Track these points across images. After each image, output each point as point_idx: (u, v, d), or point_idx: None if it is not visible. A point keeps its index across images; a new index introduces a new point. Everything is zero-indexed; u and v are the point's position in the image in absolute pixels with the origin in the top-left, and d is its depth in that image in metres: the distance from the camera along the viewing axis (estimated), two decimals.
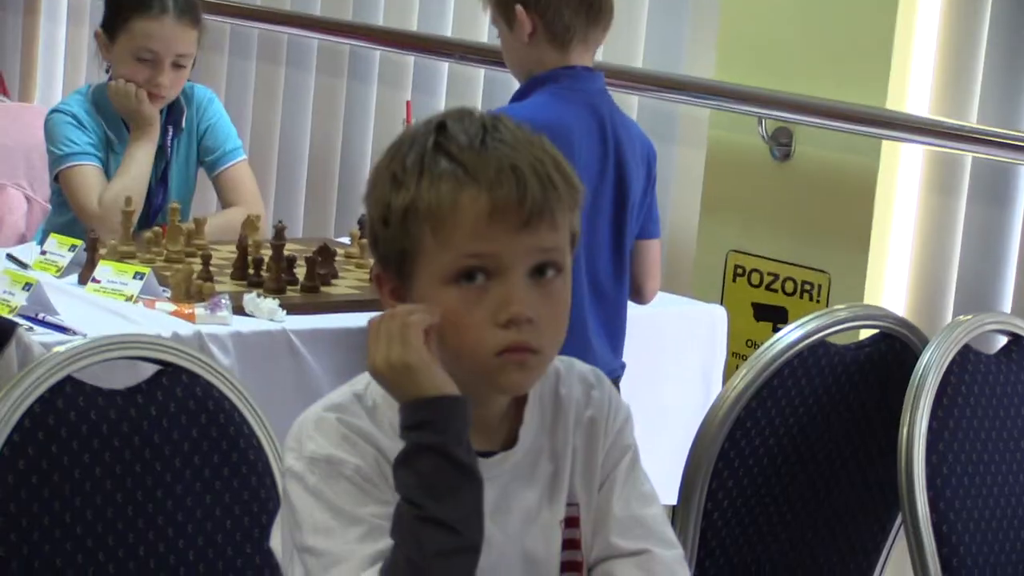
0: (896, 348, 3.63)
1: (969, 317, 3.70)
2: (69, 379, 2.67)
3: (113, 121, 4.86)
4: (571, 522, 2.38)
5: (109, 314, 3.92)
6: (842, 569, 3.67)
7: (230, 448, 2.78)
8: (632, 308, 4.38)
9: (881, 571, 3.73)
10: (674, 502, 3.41)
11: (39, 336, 3.59)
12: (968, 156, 4.88)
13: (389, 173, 2.28)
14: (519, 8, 4.13)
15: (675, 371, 4.61)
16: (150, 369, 2.77)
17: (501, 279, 2.23)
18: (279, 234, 4.31)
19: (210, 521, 2.73)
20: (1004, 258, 4.84)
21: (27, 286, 3.88)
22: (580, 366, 2.45)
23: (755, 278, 5.21)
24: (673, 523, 3.38)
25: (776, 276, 5.16)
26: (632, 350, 4.37)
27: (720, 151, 5.35)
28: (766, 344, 3.54)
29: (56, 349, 2.71)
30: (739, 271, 5.25)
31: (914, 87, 4.98)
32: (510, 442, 2.35)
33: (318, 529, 2.23)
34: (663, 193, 4.81)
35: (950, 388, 3.50)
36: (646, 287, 4.43)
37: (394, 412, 2.23)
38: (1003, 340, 3.69)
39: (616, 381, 4.34)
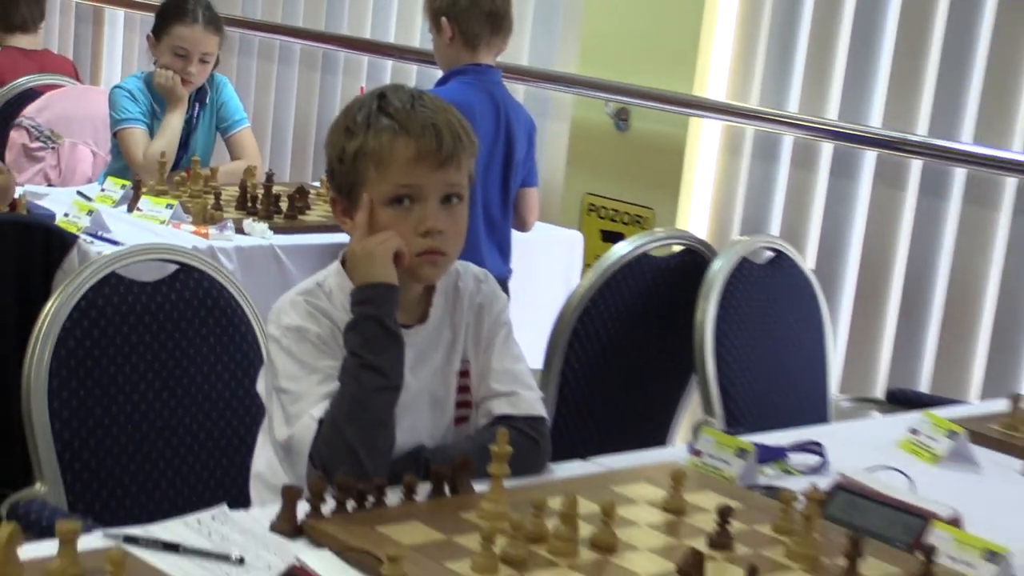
0: (696, 258, 3.66)
1: (746, 238, 3.74)
2: (114, 274, 2.65)
3: (156, 98, 4.86)
4: (464, 374, 2.39)
5: (148, 232, 3.90)
6: (654, 413, 3.69)
7: (228, 324, 2.77)
8: (518, 233, 4.41)
9: (683, 414, 3.75)
10: (541, 366, 3.43)
11: (97, 247, 3.58)
12: (750, 128, 4.91)
13: (344, 126, 2.32)
14: (444, 20, 4.17)
15: (546, 275, 4.64)
16: (172, 268, 2.76)
17: (422, 203, 2.27)
18: (269, 179, 4.34)
19: (214, 374, 2.73)
20: (772, 198, 4.88)
21: (90, 212, 3.88)
22: (474, 268, 2.46)
23: (603, 213, 5.23)
24: (540, 380, 3.40)
25: (617, 211, 5.18)
26: (517, 261, 4.39)
27: (579, 125, 5.37)
28: (606, 255, 3.56)
29: (105, 252, 2.69)
30: (592, 208, 5.27)
31: (713, 78, 5.00)
32: (423, 318, 2.37)
33: (288, 376, 2.25)
34: (540, 154, 4.82)
35: (731, 286, 3.52)
36: (528, 220, 4.46)
37: (344, 295, 2.27)
38: (770, 254, 3.71)
39: (505, 281, 4.36)
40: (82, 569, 1.68)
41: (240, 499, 2.33)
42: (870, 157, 4.60)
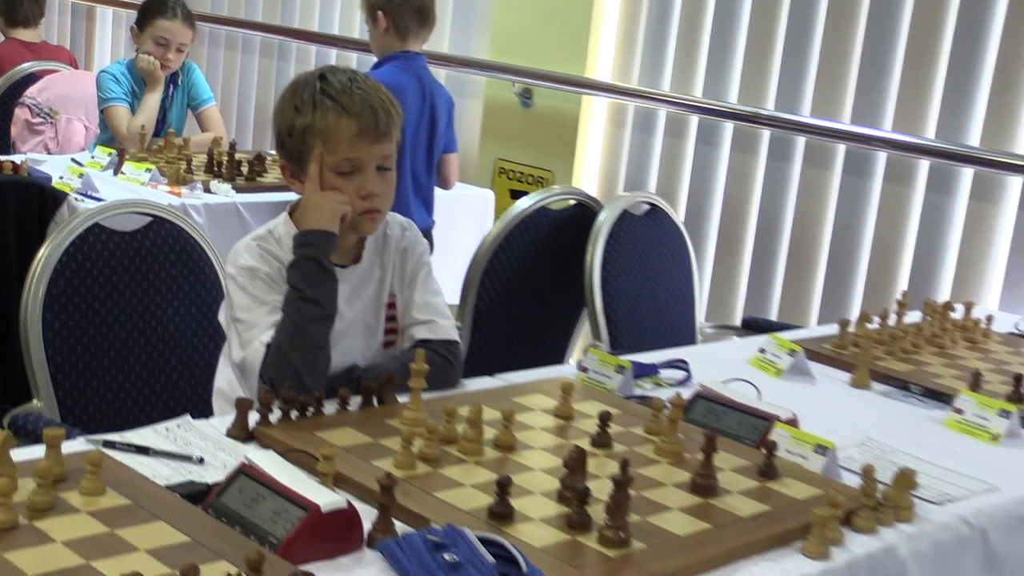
0: (586, 211, 3.65)
1: (627, 194, 3.72)
2: (97, 225, 2.59)
3: (137, 80, 4.78)
4: (391, 306, 2.37)
5: (130, 192, 3.83)
6: (552, 339, 3.68)
7: (195, 267, 2.72)
8: (441, 191, 4.38)
9: (575, 339, 3.75)
10: (458, 300, 3.41)
11: (86, 204, 3.50)
12: (631, 105, 4.88)
13: (292, 104, 2.26)
14: (380, 14, 4.12)
15: (463, 227, 4.61)
16: (147, 220, 2.70)
17: (362, 173, 2.23)
18: (232, 147, 4.29)
19: (183, 307, 2.67)
20: (650, 162, 4.86)
21: (81, 176, 3.80)
22: (399, 217, 2.43)
23: (511, 175, 5.19)
24: (457, 312, 3.38)
25: (523, 173, 5.15)
26: (440, 214, 4.36)
27: (491, 102, 5.31)
28: (511, 208, 3.53)
29: (89, 205, 2.63)
30: (502, 171, 5.23)
31: (601, 63, 4.97)
32: (357, 260, 2.33)
33: (243, 308, 2.21)
34: (459, 126, 4.78)
35: (614, 234, 3.51)
36: (450, 180, 4.44)
37: (291, 241, 2.23)
38: (647, 207, 3.70)
39: (429, 231, 4.33)
40: (65, 468, 1.65)
41: (205, 411, 2.30)
42: (729, 128, 4.59)
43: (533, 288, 3.56)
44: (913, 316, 3.18)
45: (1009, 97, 3.89)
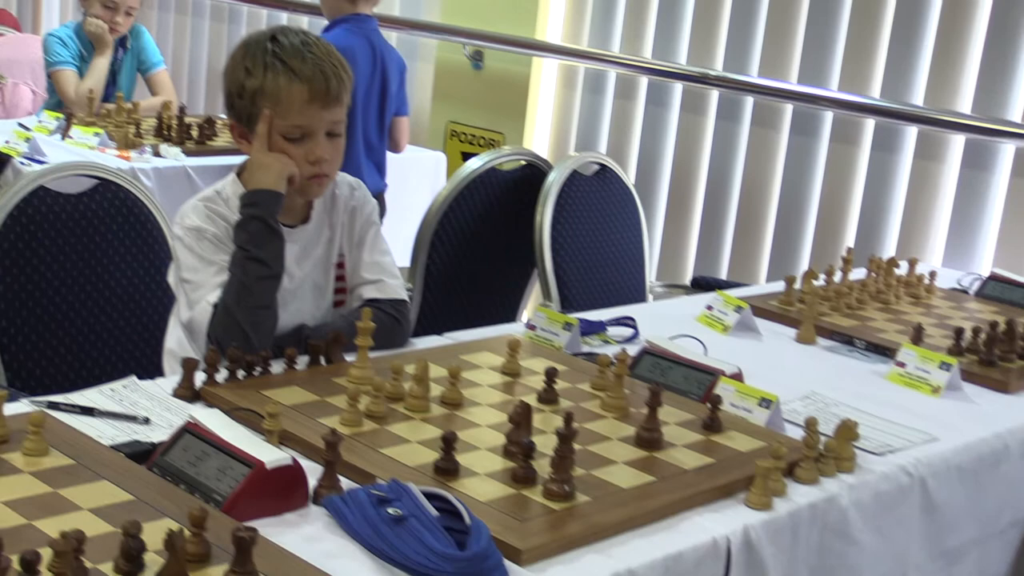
0: (536, 172, 3.63)
1: (576, 154, 3.71)
2: (42, 187, 2.56)
3: (84, 43, 4.71)
4: (340, 266, 2.35)
5: (78, 157, 3.76)
6: (503, 299, 3.68)
7: (142, 229, 2.69)
8: (392, 154, 4.37)
9: (527, 299, 3.74)
10: (408, 263, 3.40)
11: (34, 169, 3.45)
12: (581, 67, 4.87)
13: (242, 66, 2.22)
14: None
15: (416, 189, 4.59)
16: (93, 183, 2.66)
17: (312, 138, 2.21)
18: (182, 111, 4.27)
19: (130, 270, 2.65)
20: (600, 123, 4.86)
21: (27, 140, 3.75)
22: (348, 177, 2.41)
23: (462, 137, 5.17)
24: (408, 273, 3.37)
25: (474, 136, 5.13)
26: (392, 177, 4.34)
27: (443, 64, 5.28)
28: (461, 168, 3.52)
29: (34, 168, 2.59)
30: (453, 133, 5.21)
31: (551, 25, 4.95)
32: (306, 220, 2.31)
33: (190, 268, 2.19)
34: (410, 89, 4.74)
35: (564, 195, 3.50)
36: (401, 143, 4.41)
37: (238, 201, 2.20)
38: (596, 168, 3.69)
39: (382, 194, 4.31)
40: (8, 429, 1.64)
41: (155, 373, 2.28)
42: (678, 89, 4.59)
43: (484, 249, 3.55)
44: (858, 273, 3.20)
45: (951, 56, 3.91)
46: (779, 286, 2.99)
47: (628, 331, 2.54)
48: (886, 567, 1.97)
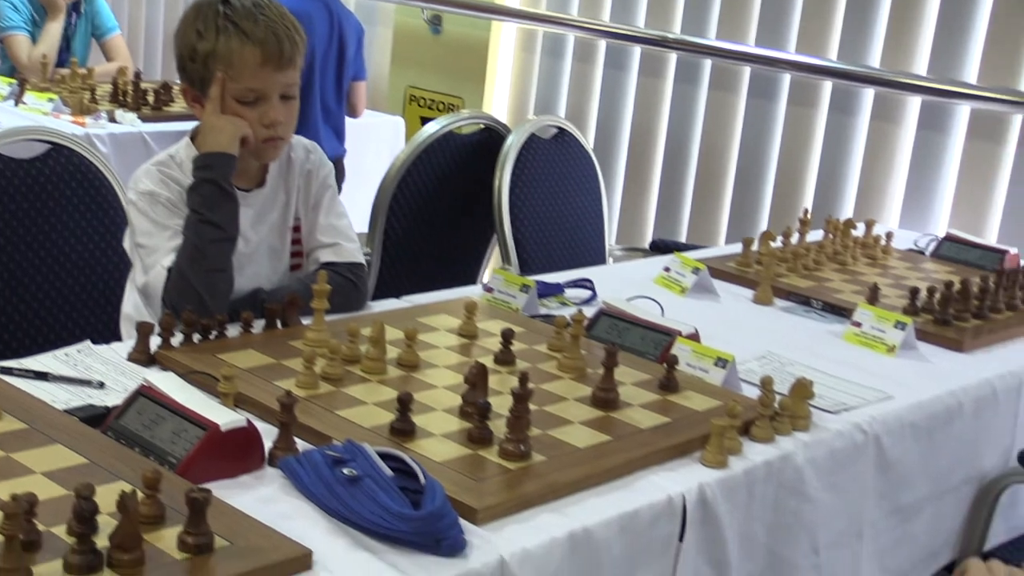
0: (494, 136, 3.62)
1: (534, 118, 3.70)
2: None
3: (37, 8, 4.66)
4: (296, 229, 2.34)
5: (31, 122, 3.73)
6: (463, 264, 3.67)
7: (96, 194, 2.66)
8: (351, 119, 4.36)
9: (487, 263, 3.74)
10: (366, 228, 3.39)
11: None
12: (540, 29, 4.86)
13: (194, 28, 2.20)
14: None
15: (374, 155, 4.58)
16: (45, 148, 2.63)
17: (266, 101, 2.19)
18: (138, 76, 4.25)
19: (85, 235, 2.62)
20: (558, 86, 4.85)
21: None
22: (304, 140, 2.39)
23: (421, 102, 5.16)
24: (366, 238, 3.36)
25: (433, 100, 5.11)
26: (351, 143, 4.34)
27: (401, 29, 5.26)
28: (418, 132, 3.50)
29: None
30: (412, 98, 5.19)
31: None
32: (261, 183, 2.29)
33: (144, 233, 2.17)
34: (368, 54, 4.72)
35: (523, 158, 3.49)
36: (359, 108, 4.42)
37: (191, 165, 2.18)
38: (555, 131, 3.68)
39: (340, 159, 4.31)
40: None
41: (113, 338, 2.26)
42: (636, 53, 4.59)
43: (442, 214, 3.54)
44: (816, 235, 3.21)
45: (907, 18, 3.92)
46: (737, 248, 3.00)
47: (586, 293, 2.54)
48: (841, 524, 1.99)
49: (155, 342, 1.93)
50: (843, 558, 2.00)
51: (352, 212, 2.42)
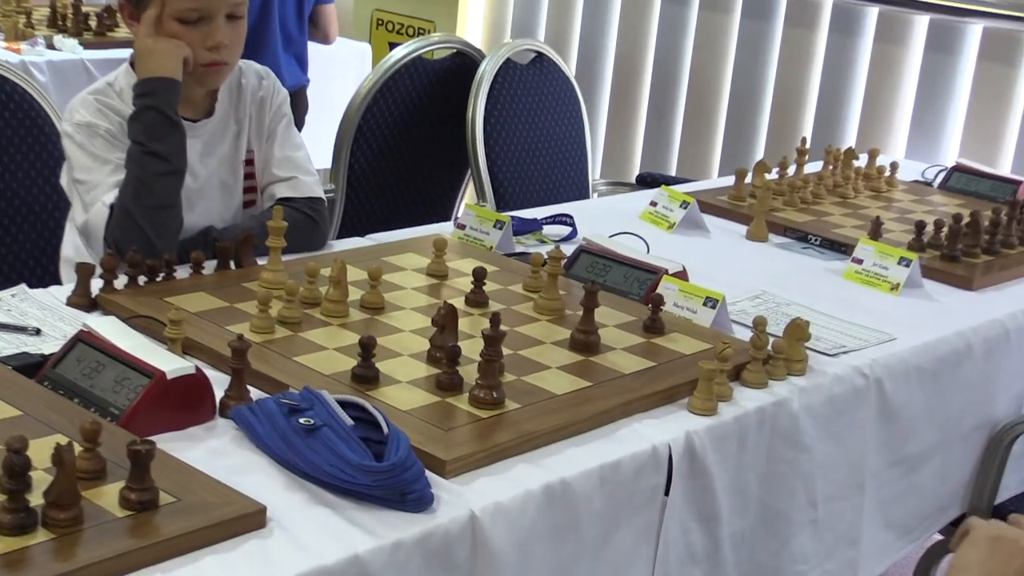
0: (467, 61, 3.58)
1: (511, 41, 3.66)
2: None
3: None
4: (249, 162, 2.32)
5: None
6: (435, 200, 3.65)
7: (33, 128, 2.62)
8: (314, 46, 4.33)
9: (461, 200, 3.72)
10: (329, 165, 3.36)
11: None
12: None
13: None
14: None
15: (340, 84, 4.54)
16: None
17: (209, 21, 2.15)
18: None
19: (21, 170, 2.59)
20: (537, 7, 4.81)
21: None
22: (256, 65, 2.37)
23: (390, 27, 5.12)
24: (330, 173, 3.34)
25: (403, 25, 5.07)
26: (314, 72, 4.31)
27: None
28: (384, 58, 3.46)
29: None
30: (380, 22, 5.16)
31: None
32: (209, 113, 2.27)
33: (82, 168, 2.15)
34: None
35: (498, 85, 3.46)
36: (330, 33, 4.40)
37: (131, 92, 2.15)
38: (532, 56, 3.65)
39: (304, 88, 4.29)
40: None
41: (52, 282, 2.24)
42: None
43: (412, 146, 3.51)
44: (815, 166, 3.20)
45: None
46: (730, 181, 2.99)
47: (565, 230, 2.53)
48: (840, 475, 1.99)
49: (97, 285, 1.92)
50: (843, 512, 2.01)
51: (316, 147, 2.41)
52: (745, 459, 1.79)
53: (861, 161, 3.22)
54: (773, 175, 2.99)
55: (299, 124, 3.45)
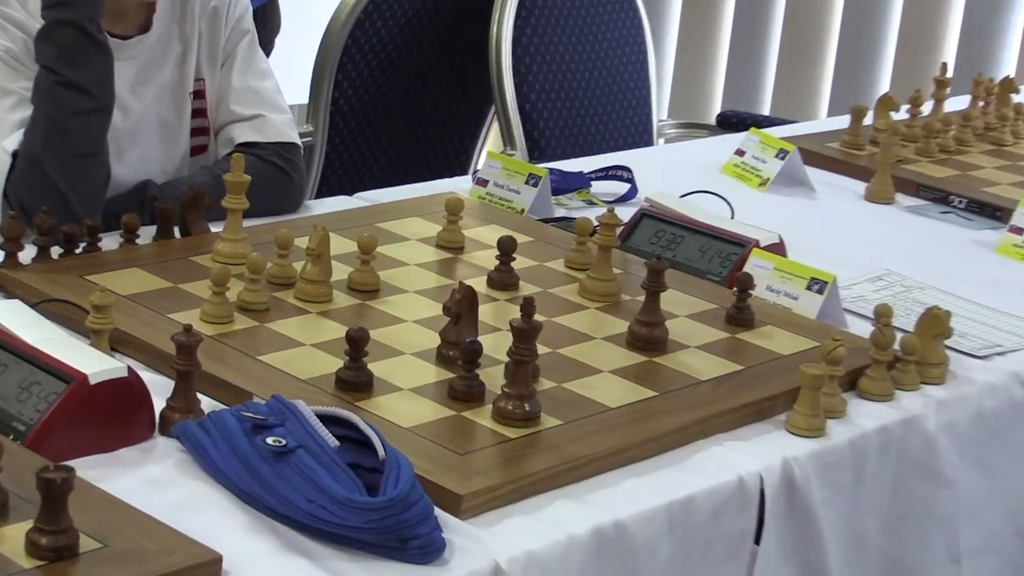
0: None
1: None
2: None
3: None
4: (198, 94, 2.34)
5: None
6: (447, 148, 3.66)
7: None
8: None
9: (481, 148, 3.72)
10: (306, 100, 3.37)
11: None
12: None
13: None
14: None
15: None
16: None
17: None
18: None
19: None
20: None
21: None
22: None
23: None
24: (307, 110, 3.35)
25: None
26: None
27: None
28: None
29: None
30: None
31: None
32: (145, 27, 2.28)
33: None
34: None
35: None
36: None
37: (39, 1, 2.15)
38: None
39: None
40: None
41: None
42: None
43: (414, 76, 3.52)
44: (959, 101, 3.20)
45: None
46: (843, 122, 2.98)
47: (622, 187, 2.54)
48: (993, 519, 1.99)
49: None
50: (996, 569, 2.01)
51: (289, 76, 2.42)
52: (863, 496, 1.79)
53: (1022, 96, 3.21)
54: (902, 114, 2.98)
55: (266, 45, 3.44)
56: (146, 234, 2.05)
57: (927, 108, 3.02)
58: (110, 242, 2.01)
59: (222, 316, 1.80)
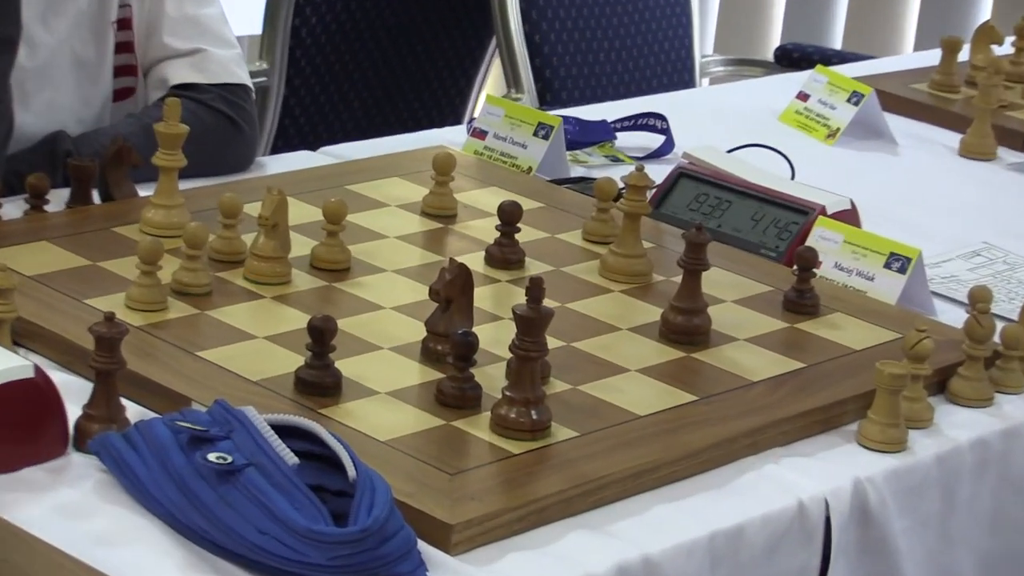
0: None
1: None
2: None
3: None
4: (123, 24, 2.34)
5: None
6: (439, 92, 3.67)
7: None
8: None
9: (480, 90, 3.73)
10: (259, 30, 3.38)
11: None
12: None
13: None
14: None
15: None
16: None
17: None
18: None
19: None
20: None
21: None
22: None
23: None
24: (261, 44, 3.36)
25: None
26: None
27: None
28: None
29: None
30: None
31: None
32: None
33: None
34: None
35: None
36: None
37: None
38: None
39: None
40: None
41: None
42: None
43: (401, 4, 3.53)
44: None
45: None
46: (932, 57, 2.99)
47: (656, 139, 2.55)
48: None
49: None
50: None
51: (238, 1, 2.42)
52: (955, 524, 1.80)
53: None
54: (1006, 48, 2.98)
55: None
56: (58, 198, 2.06)
57: None
58: (12, 209, 2.02)
59: (153, 302, 1.81)
